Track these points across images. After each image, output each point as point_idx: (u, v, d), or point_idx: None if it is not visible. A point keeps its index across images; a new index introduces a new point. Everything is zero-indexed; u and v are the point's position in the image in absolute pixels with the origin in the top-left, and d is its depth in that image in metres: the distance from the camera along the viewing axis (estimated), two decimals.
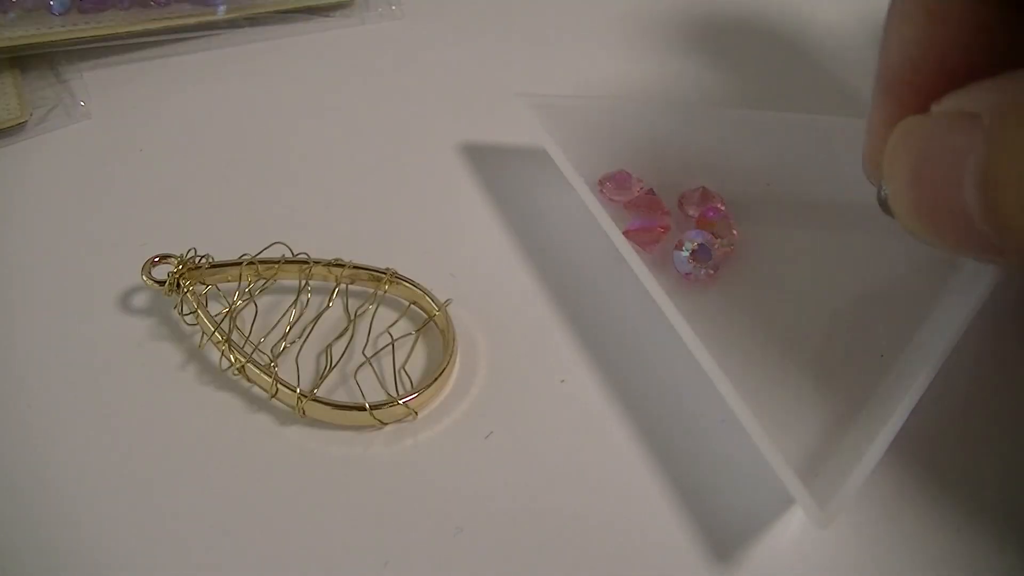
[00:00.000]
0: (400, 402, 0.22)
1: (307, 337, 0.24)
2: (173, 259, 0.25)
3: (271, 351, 0.23)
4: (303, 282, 0.25)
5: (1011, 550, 0.21)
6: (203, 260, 0.25)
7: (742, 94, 0.33)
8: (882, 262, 0.27)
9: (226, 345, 0.23)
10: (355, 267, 0.25)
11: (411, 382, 0.24)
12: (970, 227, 0.17)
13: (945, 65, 0.20)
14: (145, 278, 0.25)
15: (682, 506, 0.22)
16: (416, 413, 0.23)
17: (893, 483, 0.22)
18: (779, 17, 0.37)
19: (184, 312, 0.25)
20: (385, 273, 0.25)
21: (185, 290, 0.25)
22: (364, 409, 0.22)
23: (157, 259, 0.25)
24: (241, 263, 0.25)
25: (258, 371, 0.23)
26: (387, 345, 0.24)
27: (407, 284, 0.25)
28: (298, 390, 0.22)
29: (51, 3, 0.32)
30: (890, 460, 0.21)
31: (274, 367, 0.23)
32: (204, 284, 0.25)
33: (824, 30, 0.36)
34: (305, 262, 0.25)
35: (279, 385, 0.23)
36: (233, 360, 0.23)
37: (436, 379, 0.23)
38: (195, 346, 0.24)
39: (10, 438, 0.22)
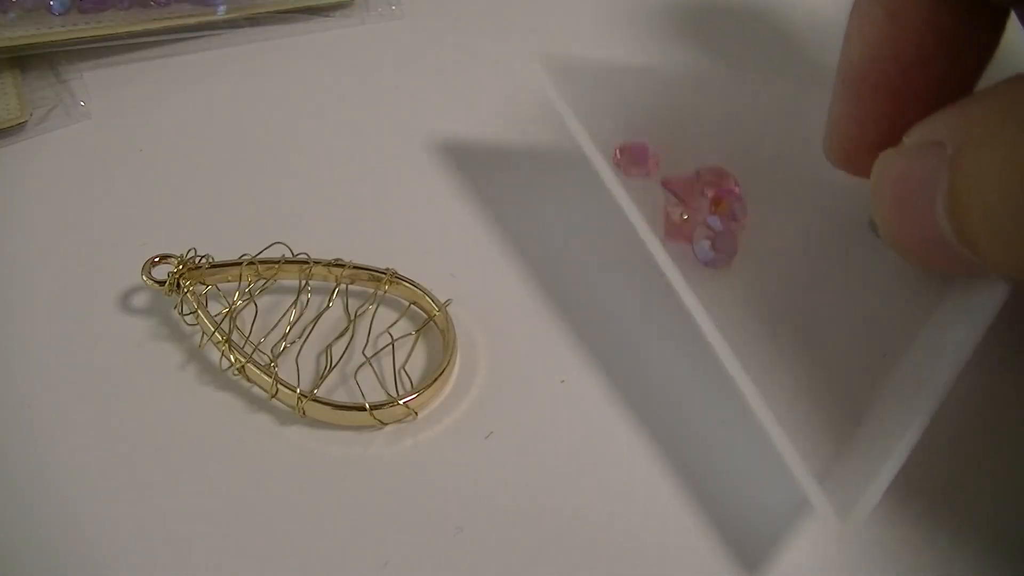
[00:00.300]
0: (400, 402, 0.22)
1: (307, 337, 0.24)
2: (173, 259, 0.25)
3: (271, 351, 0.23)
4: (303, 282, 0.25)
5: None
6: (203, 260, 0.25)
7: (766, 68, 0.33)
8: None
9: (226, 345, 0.23)
10: (355, 267, 0.25)
11: (411, 382, 0.24)
12: (951, 251, 0.18)
13: (902, 65, 0.20)
14: (145, 278, 0.25)
15: (683, 506, 0.21)
16: (416, 413, 0.23)
17: (907, 484, 0.22)
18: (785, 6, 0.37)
19: (184, 312, 0.25)
20: (385, 273, 0.25)
21: (185, 290, 0.25)
22: (364, 409, 0.22)
23: (157, 259, 0.25)
24: (241, 263, 0.25)
25: (258, 371, 0.23)
26: (387, 345, 0.24)
27: (407, 284, 0.25)
28: (298, 390, 0.22)
29: (51, 3, 0.32)
30: (908, 461, 0.21)
31: (274, 367, 0.23)
32: (204, 284, 0.25)
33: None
34: (305, 262, 0.25)
35: (279, 385, 0.23)
36: (233, 360, 0.23)
37: (436, 379, 0.23)
38: (195, 346, 0.24)
39: (10, 438, 0.22)
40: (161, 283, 0.25)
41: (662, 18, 0.37)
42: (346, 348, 0.24)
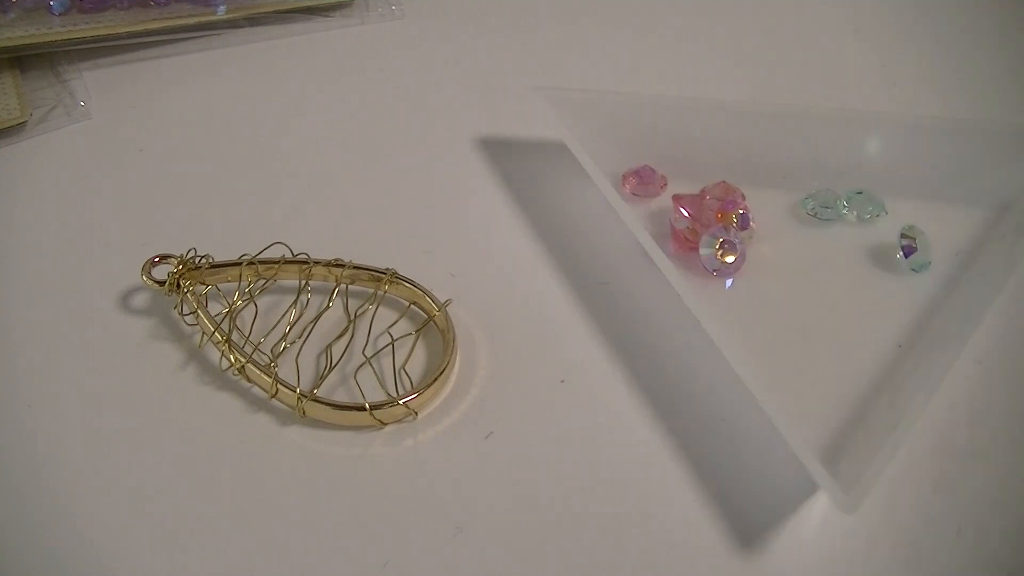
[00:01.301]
0: (400, 402, 0.22)
1: (307, 337, 0.24)
2: (173, 259, 0.25)
3: (271, 351, 0.23)
4: (303, 282, 0.25)
5: None
6: (203, 260, 0.25)
7: (755, 87, 0.33)
8: (897, 252, 0.27)
9: (226, 345, 0.23)
10: (355, 267, 0.25)
11: (411, 382, 0.24)
12: None
13: None
14: (145, 278, 0.25)
15: (686, 505, 0.21)
16: (416, 413, 0.23)
17: (916, 469, 0.22)
18: (792, 10, 0.37)
19: (184, 312, 0.25)
20: (385, 273, 0.25)
21: (185, 290, 0.25)
22: (364, 409, 0.22)
23: (157, 259, 0.25)
24: (241, 263, 0.25)
25: (258, 371, 0.23)
26: (387, 345, 0.24)
27: (407, 284, 0.25)
28: (298, 390, 0.22)
29: (51, 3, 0.32)
30: (913, 446, 0.21)
31: (274, 367, 0.23)
32: (204, 284, 0.25)
33: (839, 24, 0.36)
34: (305, 262, 0.25)
35: (279, 385, 0.23)
36: (233, 360, 0.23)
37: (436, 379, 0.23)
38: (195, 346, 0.24)
39: (10, 438, 0.22)
40: (161, 283, 0.25)
41: (664, 13, 0.37)
42: (346, 348, 0.24)
